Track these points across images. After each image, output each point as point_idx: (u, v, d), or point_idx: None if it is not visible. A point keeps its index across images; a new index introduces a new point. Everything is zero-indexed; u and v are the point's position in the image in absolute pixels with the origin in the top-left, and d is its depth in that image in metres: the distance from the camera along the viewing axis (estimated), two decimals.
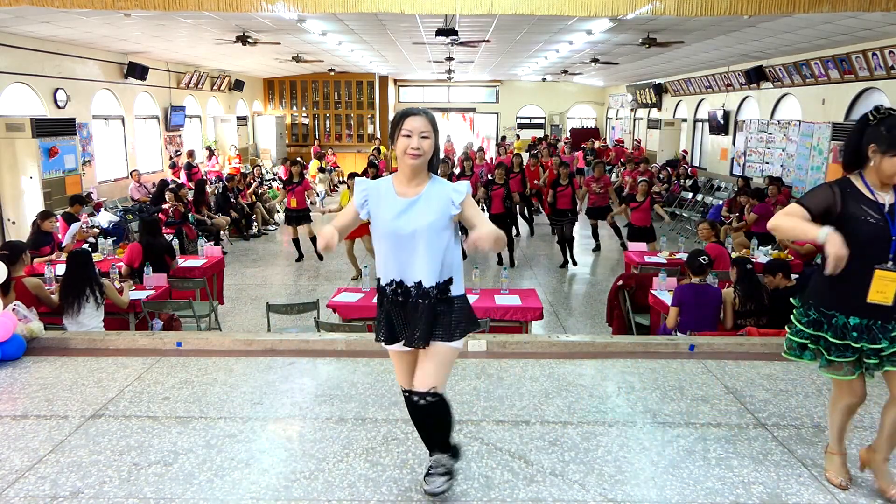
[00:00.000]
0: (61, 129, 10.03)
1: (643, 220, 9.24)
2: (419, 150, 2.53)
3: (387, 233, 2.60)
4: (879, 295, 2.59)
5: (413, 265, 2.59)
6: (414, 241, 2.57)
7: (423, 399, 2.61)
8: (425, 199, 2.59)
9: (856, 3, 5.32)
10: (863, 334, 2.65)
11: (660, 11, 5.68)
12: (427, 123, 2.55)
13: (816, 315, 2.74)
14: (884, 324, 2.64)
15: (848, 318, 2.67)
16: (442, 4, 5.66)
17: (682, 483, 2.94)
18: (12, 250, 5.26)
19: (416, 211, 2.57)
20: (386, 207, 2.61)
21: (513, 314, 5.49)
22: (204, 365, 4.27)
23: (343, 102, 22.56)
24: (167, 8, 5.50)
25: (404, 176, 2.62)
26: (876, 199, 2.61)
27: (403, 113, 2.59)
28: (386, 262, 2.64)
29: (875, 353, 2.65)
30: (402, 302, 2.63)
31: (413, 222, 2.56)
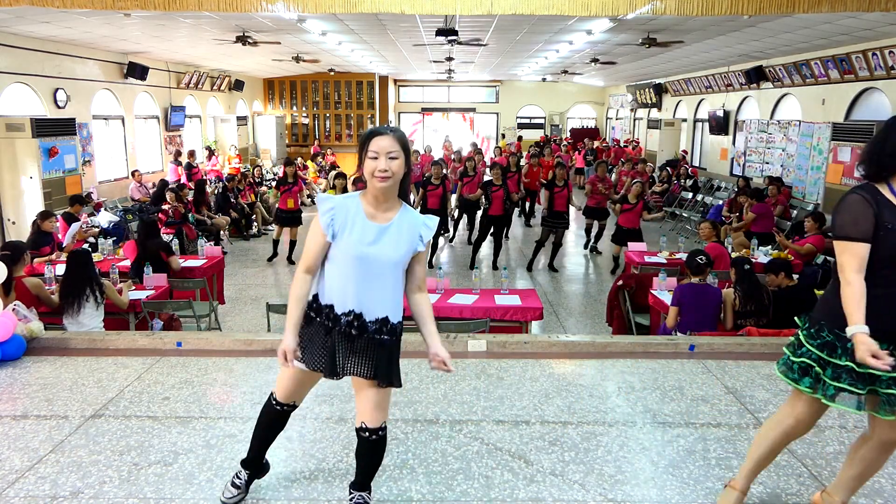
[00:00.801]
0: (61, 129, 10.03)
1: (632, 223, 9.21)
2: (387, 173, 2.33)
3: (354, 257, 2.39)
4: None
5: (377, 298, 2.43)
6: (383, 272, 2.41)
7: (376, 435, 2.51)
8: (396, 227, 2.42)
9: (856, 3, 5.33)
10: None
11: (660, 11, 5.68)
12: (395, 143, 2.35)
13: (831, 337, 2.39)
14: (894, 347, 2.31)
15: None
16: (442, 5, 5.66)
17: (682, 483, 2.94)
18: (13, 250, 5.26)
19: (387, 240, 2.40)
20: (355, 230, 2.39)
21: (513, 314, 5.49)
22: (204, 365, 4.27)
23: (343, 102, 22.55)
24: (167, 8, 5.50)
25: (374, 198, 2.41)
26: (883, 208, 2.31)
27: (370, 133, 2.40)
28: (344, 290, 2.41)
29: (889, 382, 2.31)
30: (354, 336, 2.43)
31: (383, 252, 2.39)
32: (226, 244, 11.13)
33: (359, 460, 2.61)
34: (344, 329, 2.43)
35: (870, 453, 2.50)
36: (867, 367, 2.25)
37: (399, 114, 26.44)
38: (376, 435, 2.51)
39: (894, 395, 2.31)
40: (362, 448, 2.56)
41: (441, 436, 3.34)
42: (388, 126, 2.50)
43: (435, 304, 5.56)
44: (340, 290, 2.43)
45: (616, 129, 24.80)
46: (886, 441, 2.45)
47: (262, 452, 2.80)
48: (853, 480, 2.56)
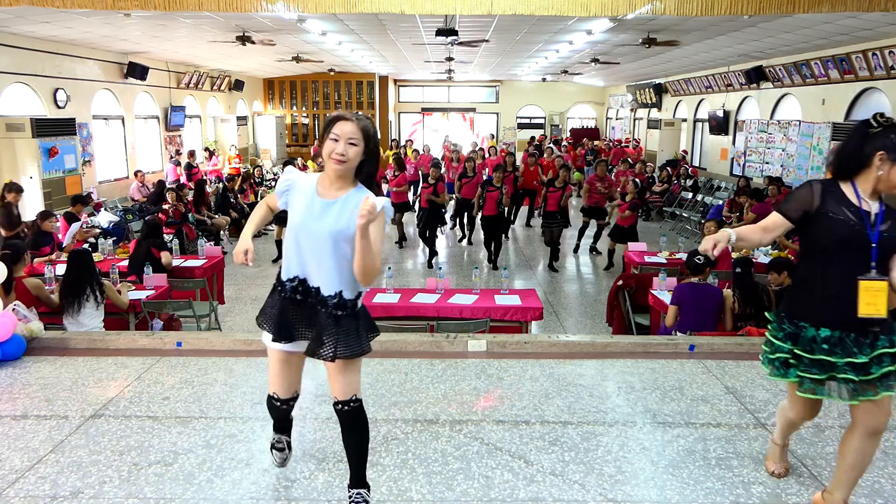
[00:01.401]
0: (61, 129, 10.04)
1: (626, 220, 9.41)
2: (343, 157, 2.45)
3: (297, 230, 2.54)
4: (871, 307, 2.40)
5: (316, 269, 2.53)
6: (322, 244, 2.49)
7: (347, 406, 2.59)
8: (342, 204, 2.50)
9: (856, 3, 5.33)
10: (835, 347, 2.45)
11: (660, 11, 5.68)
12: (357, 130, 2.46)
13: (792, 328, 2.56)
14: (858, 337, 2.44)
15: (818, 329, 2.49)
16: (442, 4, 5.66)
17: (682, 483, 2.94)
18: (14, 250, 5.26)
19: (330, 214, 2.50)
20: (303, 203, 2.54)
21: (513, 314, 5.49)
22: (204, 365, 4.27)
23: (343, 102, 22.54)
24: (167, 8, 5.51)
25: (328, 178, 2.55)
26: (860, 205, 2.46)
27: (335, 117, 2.52)
28: (291, 258, 2.57)
29: (853, 368, 2.43)
30: (300, 301, 2.56)
31: (324, 225, 2.49)
32: (226, 244, 11.13)
33: (346, 446, 2.68)
34: (289, 294, 2.56)
35: (855, 442, 2.54)
36: (820, 354, 2.45)
37: (399, 114, 26.44)
38: (348, 406, 2.59)
39: (853, 380, 2.42)
40: (343, 425, 2.64)
41: (441, 436, 3.34)
42: (357, 113, 2.57)
43: (435, 304, 5.57)
44: (289, 259, 2.58)
45: (616, 129, 24.80)
46: (866, 428, 2.51)
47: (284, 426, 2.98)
48: (848, 473, 2.59)
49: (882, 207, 2.48)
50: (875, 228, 2.42)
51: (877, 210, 2.46)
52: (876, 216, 2.44)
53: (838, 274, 2.45)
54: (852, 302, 2.41)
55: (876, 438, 2.53)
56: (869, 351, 2.43)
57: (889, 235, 2.43)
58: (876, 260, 2.42)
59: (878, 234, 2.42)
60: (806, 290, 2.55)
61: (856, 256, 2.43)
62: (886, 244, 2.43)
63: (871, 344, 2.44)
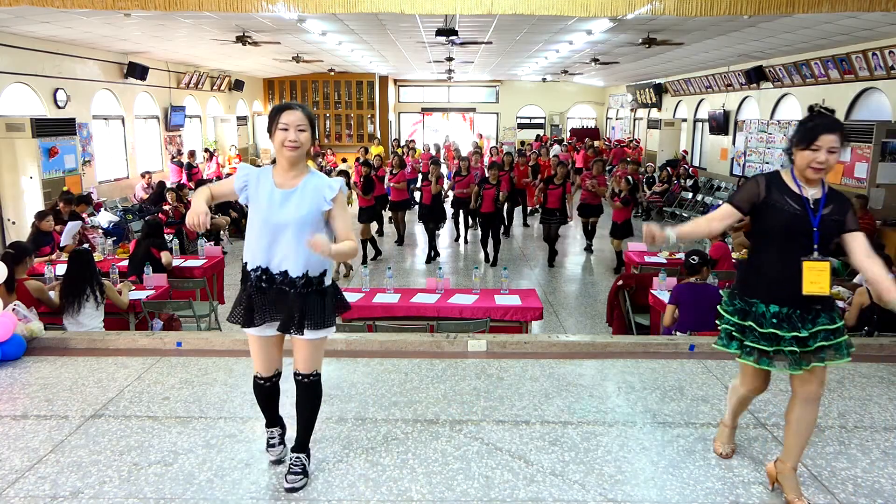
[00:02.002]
0: (61, 129, 10.03)
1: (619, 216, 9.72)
2: (296, 143, 2.65)
3: (263, 221, 2.70)
4: (814, 286, 2.60)
5: (281, 255, 2.70)
6: (285, 231, 2.67)
7: (307, 378, 2.84)
8: (300, 191, 2.69)
9: (856, 3, 5.32)
10: (783, 322, 2.67)
11: (659, 11, 5.68)
12: (303, 117, 2.67)
13: (742, 304, 2.78)
14: (803, 313, 2.67)
15: (768, 306, 2.70)
16: (442, 4, 5.66)
17: (682, 483, 2.94)
18: (18, 251, 5.26)
19: (291, 203, 2.68)
20: (263, 197, 2.71)
21: (513, 314, 5.48)
22: (204, 365, 4.27)
23: (343, 102, 22.55)
24: (167, 8, 5.50)
25: (282, 168, 2.73)
26: (801, 192, 2.67)
27: (279, 107, 2.69)
28: (255, 249, 2.74)
29: (797, 341, 2.65)
30: (265, 288, 2.74)
31: (286, 214, 2.67)
32: (226, 244, 11.13)
33: (298, 410, 2.92)
34: (254, 283, 2.75)
35: (796, 411, 2.75)
36: (769, 328, 2.67)
37: (399, 114, 26.44)
38: (307, 379, 2.85)
39: (796, 352, 2.65)
40: (299, 394, 2.89)
41: (441, 436, 3.34)
42: (296, 102, 2.79)
43: (435, 304, 5.57)
44: (253, 250, 2.75)
45: (616, 129, 24.79)
46: (804, 396, 2.73)
47: (274, 416, 3.07)
48: (793, 440, 2.76)
49: (824, 192, 2.69)
50: (817, 214, 2.65)
51: (817, 196, 2.68)
52: (817, 202, 2.67)
53: (785, 257, 2.66)
54: (798, 281, 2.61)
55: (813, 405, 2.74)
56: (811, 326, 2.66)
57: (830, 219, 2.65)
58: (818, 243, 2.63)
59: (819, 218, 2.65)
60: (757, 272, 2.76)
61: (800, 240, 2.65)
62: (827, 227, 2.65)
63: (812, 320, 2.67)
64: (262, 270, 2.73)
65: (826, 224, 2.65)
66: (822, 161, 2.62)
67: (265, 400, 3.00)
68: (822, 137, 2.62)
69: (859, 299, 5.14)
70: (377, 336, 4.71)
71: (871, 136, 9.10)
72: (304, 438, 2.93)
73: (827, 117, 2.72)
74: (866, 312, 5.09)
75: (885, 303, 2.56)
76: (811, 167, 2.64)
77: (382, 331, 4.93)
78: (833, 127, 2.65)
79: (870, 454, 3.18)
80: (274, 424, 3.08)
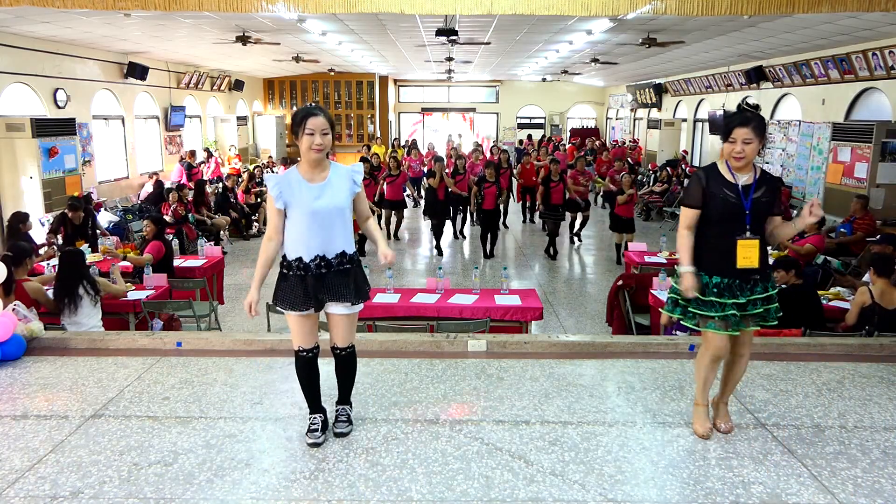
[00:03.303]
0: (61, 129, 10.03)
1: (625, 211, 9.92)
2: (322, 146, 2.97)
3: (309, 214, 3.01)
4: (746, 260, 3.05)
5: (333, 239, 3.05)
6: (332, 218, 3.02)
7: (345, 351, 3.23)
8: (333, 181, 3.05)
9: (856, 3, 5.32)
10: (724, 291, 3.10)
11: (660, 11, 5.68)
12: (326, 122, 2.98)
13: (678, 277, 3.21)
14: (741, 283, 3.11)
15: (711, 277, 3.12)
16: (442, 5, 5.66)
17: (682, 483, 2.94)
18: (18, 252, 5.27)
19: (329, 192, 3.03)
20: (302, 193, 3.02)
21: (513, 314, 5.49)
22: (204, 365, 4.27)
23: (343, 102, 22.55)
24: (167, 8, 5.50)
25: (309, 166, 3.06)
26: (734, 180, 3.09)
27: (305, 113, 2.98)
28: (307, 240, 3.03)
29: (737, 307, 3.09)
30: (324, 273, 3.06)
31: (330, 202, 3.02)
32: (226, 244, 11.14)
33: (338, 377, 3.34)
34: (314, 272, 3.06)
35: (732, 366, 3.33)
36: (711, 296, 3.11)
37: (399, 114, 26.44)
38: (345, 352, 3.24)
39: (737, 315, 3.11)
40: (338, 363, 3.29)
41: (441, 436, 3.34)
42: (318, 106, 3.09)
43: (435, 305, 5.57)
44: (304, 243, 3.04)
45: (616, 129, 24.79)
46: (739, 352, 3.27)
47: (315, 398, 3.30)
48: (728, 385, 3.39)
49: (756, 177, 3.10)
50: (748, 197, 3.07)
51: (749, 182, 3.09)
52: (747, 187, 3.08)
53: (724, 236, 3.10)
54: (734, 257, 3.07)
55: (742, 360, 3.30)
56: (748, 294, 3.11)
57: (761, 201, 3.07)
58: (749, 223, 3.06)
59: (750, 201, 3.07)
60: (703, 249, 3.17)
61: (735, 222, 3.08)
62: (758, 209, 3.08)
63: (750, 289, 3.11)
64: (320, 258, 3.04)
65: (757, 205, 3.07)
66: (739, 151, 3.03)
67: (309, 374, 3.24)
68: (737, 131, 3.03)
69: (861, 298, 5.13)
70: (377, 336, 4.71)
71: (871, 136, 9.10)
72: (346, 393, 3.36)
73: (743, 113, 3.07)
74: (867, 312, 5.09)
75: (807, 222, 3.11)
76: (732, 157, 3.06)
77: (382, 331, 4.93)
78: (746, 121, 3.02)
79: (870, 454, 3.18)
80: (317, 410, 3.29)
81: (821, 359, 4.42)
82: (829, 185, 10.30)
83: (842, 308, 5.61)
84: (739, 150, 3.03)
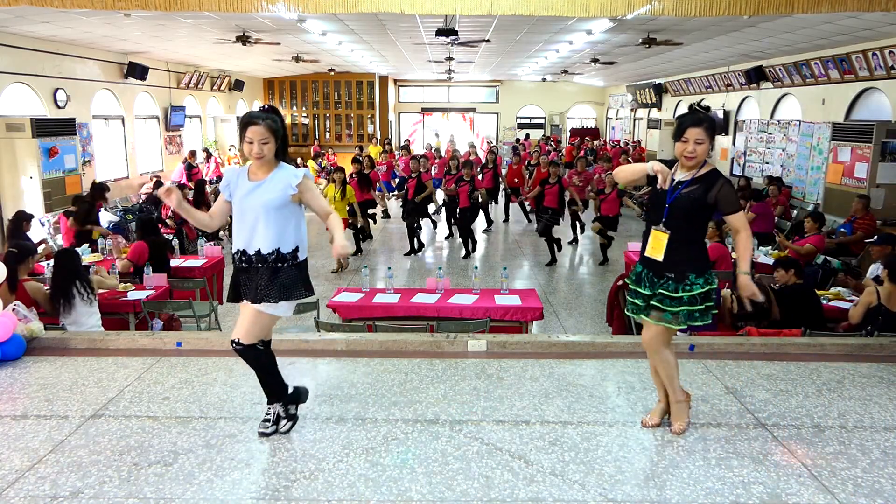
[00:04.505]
0: (61, 129, 10.03)
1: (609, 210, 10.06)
2: (260, 154, 3.09)
3: (239, 207, 3.16)
4: (652, 250, 3.18)
5: (261, 235, 3.12)
6: (256, 215, 3.11)
7: (240, 346, 3.21)
8: (269, 182, 3.14)
9: (856, 3, 5.32)
10: (639, 281, 3.26)
11: (658, 12, 5.67)
12: (266, 131, 3.07)
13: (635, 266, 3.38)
14: (654, 276, 3.20)
15: (637, 266, 3.31)
16: (442, 5, 5.66)
17: (682, 483, 2.94)
18: (21, 250, 5.26)
19: (260, 191, 3.12)
20: (239, 188, 3.17)
21: (513, 314, 5.49)
22: (204, 365, 4.27)
23: (343, 102, 22.55)
24: (167, 8, 5.50)
25: (255, 166, 3.20)
26: (675, 176, 3.21)
27: (245, 121, 3.10)
28: (236, 233, 3.17)
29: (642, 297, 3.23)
30: (245, 268, 3.16)
31: (257, 199, 3.11)
32: (225, 244, 11.12)
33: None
34: (236, 264, 3.19)
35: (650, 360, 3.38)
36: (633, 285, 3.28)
37: (399, 114, 26.44)
38: (240, 346, 3.22)
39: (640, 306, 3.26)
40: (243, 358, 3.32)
41: (441, 436, 3.34)
42: (263, 113, 3.14)
43: (435, 304, 5.57)
44: (236, 235, 3.19)
45: (616, 129, 24.78)
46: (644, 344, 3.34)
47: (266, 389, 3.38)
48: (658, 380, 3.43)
49: (694, 175, 3.16)
50: (675, 192, 3.15)
51: (686, 178, 3.17)
52: (681, 183, 3.16)
53: (648, 226, 3.25)
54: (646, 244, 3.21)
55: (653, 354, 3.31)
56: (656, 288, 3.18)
57: (686, 196, 3.13)
58: (666, 216, 3.15)
59: (674, 196, 3.14)
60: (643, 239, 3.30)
61: (657, 213, 3.21)
62: (678, 203, 3.14)
63: (659, 284, 3.18)
64: (241, 252, 3.15)
65: (679, 199, 3.13)
66: (691, 151, 3.11)
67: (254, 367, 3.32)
68: (689, 131, 3.10)
69: (868, 298, 5.10)
70: (377, 336, 4.71)
71: (871, 136, 9.09)
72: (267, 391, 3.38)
73: (695, 114, 3.15)
74: (871, 312, 5.07)
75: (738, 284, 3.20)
76: (684, 156, 3.14)
77: (382, 331, 4.92)
78: (698, 122, 3.10)
79: (870, 454, 3.18)
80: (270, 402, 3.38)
81: (821, 359, 4.42)
82: (829, 185, 10.30)
83: (841, 308, 5.60)
84: (692, 150, 3.10)
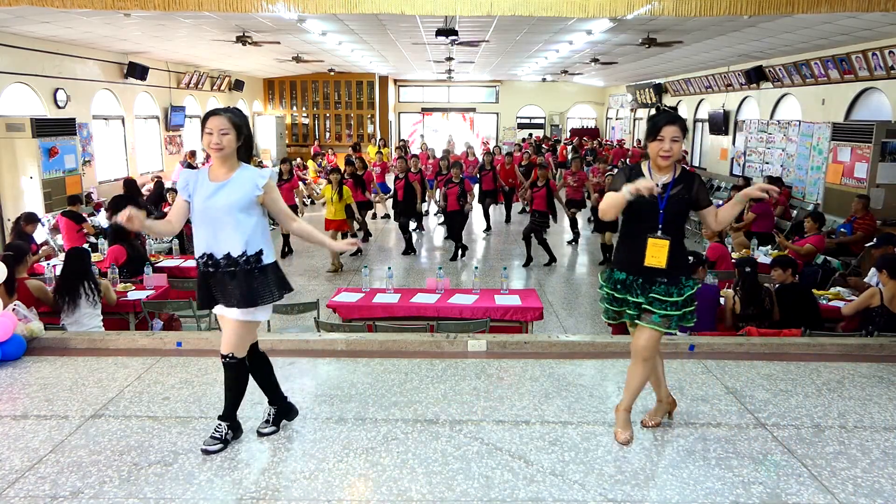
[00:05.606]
0: (61, 129, 10.03)
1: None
2: (219, 145, 2.96)
3: (201, 210, 3.01)
4: (654, 259, 3.07)
5: (224, 238, 2.99)
6: (220, 217, 2.98)
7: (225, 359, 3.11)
8: (233, 182, 3.01)
9: (855, 4, 5.32)
10: (625, 288, 3.17)
11: (658, 12, 5.67)
12: (226, 122, 2.97)
13: (608, 272, 3.29)
14: (644, 282, 3.13)
15: (619, 273, 3.20)
16: (442, 5, 5.66)
17: (682, 483, 2.94)
18: (16, 251, 5.27)
19: (224, 192, 2.99)
20: (200, 190, 3.02)
21: (513, 314, 5.48)
22: (204, 365, 4.27)
23: (343, 102, 22.56)
24: (167, 8, 5.51)
25: (215, 165, 3.06)
26: (651, 179, 3.08)
27: (207, 114, 3.01)
28: (199, 238, 3.04)
29: (633, 305, 3.15)
30: (212, 273, 3.02)
31: (221, 201, 2.98)
32: None
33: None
34: (202, 269, 3.06)
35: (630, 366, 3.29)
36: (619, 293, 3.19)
37: (399, 114, 26.44)
38: (234, 360, 3.11)
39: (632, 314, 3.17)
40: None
41: (441, 436, 3.34)
42: (226, 109, 3.07)
43: (435, 304, 5.57)
44: (198, 240, 3.05)
45: (616, 129, 24.79)
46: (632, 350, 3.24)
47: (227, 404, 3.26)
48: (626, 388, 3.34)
49: (674, 176, 3.12)
50: (664, 197, 3.07)
51: (667, 181, 3.11)
52: (665, 185, 3.10)
53: (636, 234, 3.13)
54: (643, 255, 3.08)
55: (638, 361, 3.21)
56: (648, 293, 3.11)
57: (677, 198, 3.09)
58: (662, 222, 3.08)
59: (665, 200, 3.07)
60: (620, 247, 3.26)
61: (648, 221, 3.10)
62: (671, 208, 3.09)
63: (650, 288, 3.11)
64: (206, 256, 3.02)
65: (671, 204, 3.08)
66: (667, 149, 3.06)
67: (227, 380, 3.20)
68: (665, 129, 3.05)
69: (869, 299, 5.11)
70: (377, 336, 4.71)
71: (871, 136, 9.09)
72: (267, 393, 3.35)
73: (668, 113, 3.14)
74: (872, 313, 5.08)
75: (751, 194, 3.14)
76: (660, 155, 3.08)
77: (382, 331, 4.92)
78: (673, 120, 3.07)
79: (870, 454, 3.18)
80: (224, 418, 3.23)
81: (821, 359, 4.42)
82: (829, 185, 10.30)
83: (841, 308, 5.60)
84: (667, 148, 3.06)
